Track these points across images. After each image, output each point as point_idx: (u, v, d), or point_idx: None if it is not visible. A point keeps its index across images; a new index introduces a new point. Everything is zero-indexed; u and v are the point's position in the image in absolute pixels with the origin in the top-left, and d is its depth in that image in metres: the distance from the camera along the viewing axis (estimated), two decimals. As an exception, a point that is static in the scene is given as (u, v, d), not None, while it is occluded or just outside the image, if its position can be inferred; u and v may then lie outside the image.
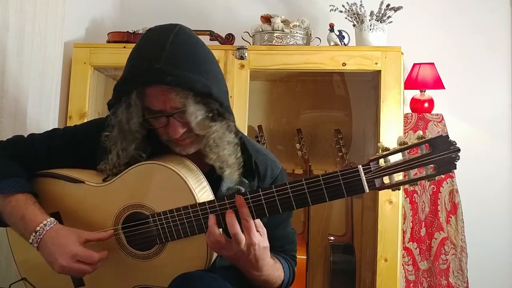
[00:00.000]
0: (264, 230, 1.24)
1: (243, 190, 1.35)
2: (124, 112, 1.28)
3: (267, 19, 2.43)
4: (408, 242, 2.44)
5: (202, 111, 1.24)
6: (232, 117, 1.32)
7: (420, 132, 1.16)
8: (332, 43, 2.42)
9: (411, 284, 2.43)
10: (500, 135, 2.71)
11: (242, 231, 1.20)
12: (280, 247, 1.46)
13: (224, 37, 2.48)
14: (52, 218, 1.31)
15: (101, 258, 1.28)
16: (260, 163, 1.41)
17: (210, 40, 2.46)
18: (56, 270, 1.26)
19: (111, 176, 1.35)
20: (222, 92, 1.28)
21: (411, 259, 2.44)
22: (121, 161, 1.32)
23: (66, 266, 1.24)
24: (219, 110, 1.26)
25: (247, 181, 1.37)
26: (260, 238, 1.22)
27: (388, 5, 2.35)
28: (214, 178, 1.35)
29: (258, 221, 1.23)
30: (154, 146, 1.36)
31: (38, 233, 1.28)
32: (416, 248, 2.45)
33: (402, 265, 2.37)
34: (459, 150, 1.12)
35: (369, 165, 1.16)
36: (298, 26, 2.38)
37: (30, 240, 1.28)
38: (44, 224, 1.28)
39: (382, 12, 2.35)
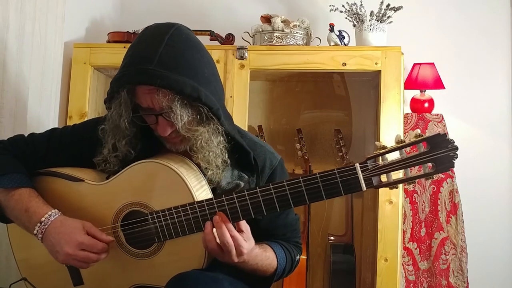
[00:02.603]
0: (247, 228, 1.26)
1: (242, 184, 1.38)
2: (117, 109, 1.30)
3: (267, 19, 2.43)
4: (408, 242, 2.43)
5: (189, 114, 1.26)
6: (225, 119, 1.32)
7: (418, 131, 1.16)
8: (332, 43, 2.42)
9: (411, 284, 2.42)
10: (500, 135, 2.70)
11: None
12: (283, 235, 1.47)
13: (224, 37, 2.48)
14: (56, 210, 1.32)
15: (105, 247, 1.28)
16: (258, 155, 1.43)
17: (210, 40, 2.47)
18: (61, 259, 1.27)
19: (110, 175, 1.36)
20: (215, 94, 1.29)
21: (411, 259, 2.44)
22: (111, 155, 1.34)
23: (72, 254, 1.25)
24: (207, 113, 1.27)
25: (246, 176, 1.39)
26: (246, 244, 1.24)
27: (388, 5, 2.35)
28: None
29: (243, 222, 1.25)
30: (147, 143, 1.37)
31: (43, 224, 1.29)
32: (416, 248, 2.44)
33: (402, 265, 2.37)
34: (457, 148, 1.11)
35: (366, 163, 1.16)
36: (298, 26, 2.38)
37: (35, 231, 1.29)
38: (49, 215, 1.30)
39: (382, 12, 2.35)
